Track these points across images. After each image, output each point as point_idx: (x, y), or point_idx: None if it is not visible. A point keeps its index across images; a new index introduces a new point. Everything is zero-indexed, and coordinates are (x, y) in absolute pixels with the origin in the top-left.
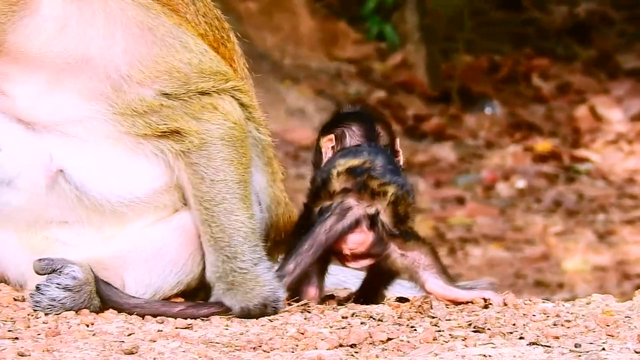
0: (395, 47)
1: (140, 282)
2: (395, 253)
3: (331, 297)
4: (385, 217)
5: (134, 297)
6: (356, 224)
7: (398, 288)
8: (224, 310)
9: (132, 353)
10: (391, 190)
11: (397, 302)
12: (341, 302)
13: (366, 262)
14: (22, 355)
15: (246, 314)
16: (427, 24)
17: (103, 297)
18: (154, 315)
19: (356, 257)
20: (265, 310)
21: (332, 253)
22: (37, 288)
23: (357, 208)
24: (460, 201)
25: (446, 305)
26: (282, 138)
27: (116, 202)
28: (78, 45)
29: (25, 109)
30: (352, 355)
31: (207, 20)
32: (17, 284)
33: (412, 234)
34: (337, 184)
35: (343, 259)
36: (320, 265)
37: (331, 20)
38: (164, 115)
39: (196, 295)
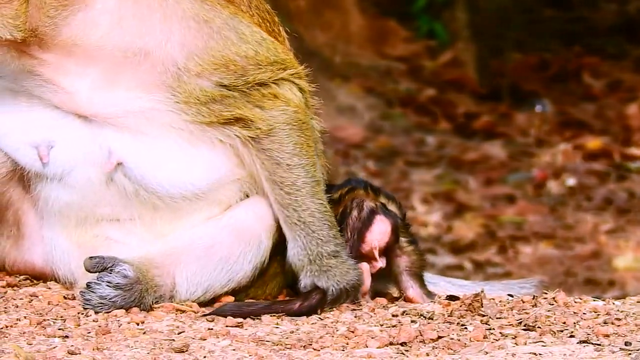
0: (445, 45)
1: (192, 281)
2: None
3: (382, 295)
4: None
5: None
6: (373, 213)
7: (448, 286)
8: (322, 294)
9: (182, 351)
10: (382, 191)
11: (447, 301)
12: (392, 300)
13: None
14: (72, 353)
15: (342, 296)
16: (477, 21)
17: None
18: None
19: (381, 252)
20: (356, 292)
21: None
22: (88, 286)
23: (369, 201)
24: (511, 199)
25: (497, 303)
26: (332, 136)
27: (177, 195)
28: (135, 39)
29: (83, 103)
30: (403, 353)
31: (260, 13)
32: (66, 282)
33: (412, 236)
34: (340, 191)
35: (371, 260)
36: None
37: (381, 18)
38: (226, 104)
39: (246, 293)
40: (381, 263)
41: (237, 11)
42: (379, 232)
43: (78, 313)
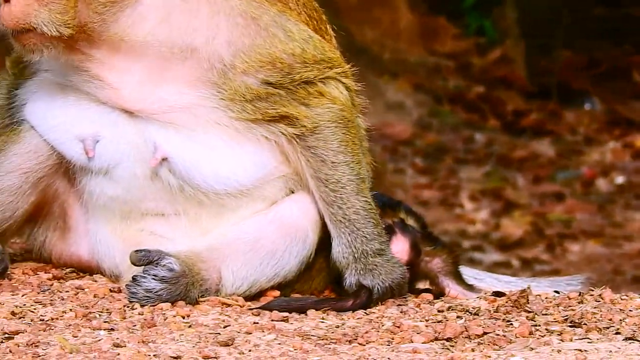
0: (494, 42)
1: (237, 275)
2: (422, 257)
3: (427, 290)
4: (411, 223)
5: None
6: (391, 233)
7: (495, 283)
8: (369, 293)
9: (228, 345)
10: (400, 204)
11: (493, 297)
12: (437, 295)
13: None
14: (117, 346)
15: (387, 294)
16: (526, 19)
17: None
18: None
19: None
20: (401, 289)
21: None
22: (134, 279)
23: (386, 219)
24: (559, 197)
25: (543, 299)
26: (380, 132)
27: (222, 191)
28: (182, 36)
29: (128, 99)
30: (448, 349)
31: (307, 11)
32: (111, 275)
33: (436, 240)
34: None
35: None
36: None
37: (430, 14)
38: (272, 101)
39: (292, 288)
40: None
41: (284, 9)
42: (397, 251)
43: (124, 306)
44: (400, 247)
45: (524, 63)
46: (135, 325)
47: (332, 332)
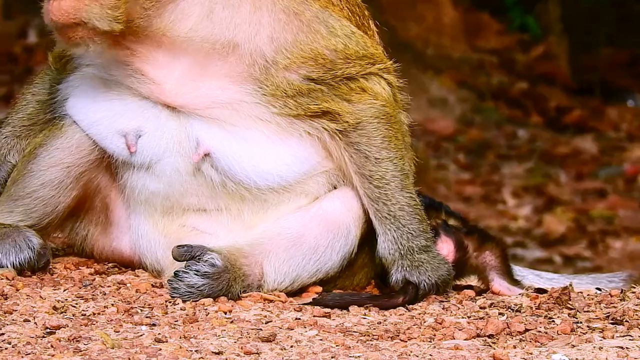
0: (537, 39)
1: (279, 271)
2: (470, 253)
3: (469, 287)
4: (453, 223)
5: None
6: (436, 234)
7: (536, 279)
8: (416, 289)
9: (270, 341)
10: (441, 205)
11: (535, 293)
12: (479, 292)
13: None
14: (159, 341)
15: (432, 290)
16: (569, 15)
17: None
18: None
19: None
20: (447, 286)
21: None
22: (176, 274)
23: (430, 221)
24: (602, 194)
25: (585, 296)
26: (423, 128)
27: (264, 186)
28: (224, 31)
29: (171, 93)
30: (490, 345)
31: (350, 7)
32: (153, 270)
33: (485, 235)
34: None
35: None
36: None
37: (474, 10)
38: (314, 97)
39: (334, 284)
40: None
41: (327, 4)
42: (443, 253)
43: (166, 301)
44: (445, 248)
45: (567, 59)
46: (177, 321)
47: (374, 329)
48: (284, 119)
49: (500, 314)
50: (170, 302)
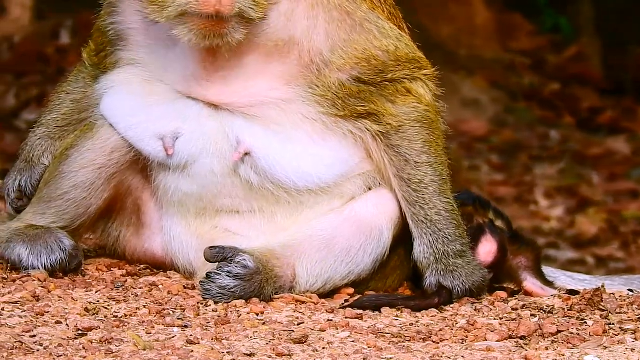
0: (569, 39)
1: (312, 272)
2: (508, 257)
3: (502, 289)
4: (499, 224)
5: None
6: (480, 233)
7: (569, 281)
8: (449, 293)
9: (302, 342)
10: (489, 204)
11: (567, 295)
12: (511, 294)
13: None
14: (191, 343)
15: (466, 296)
16: (602, 16)
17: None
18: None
19: (489, 266)
20: (481, 292)
21: None
22: (208, 276)
23: (477, 218)
24: (635, 194)
25: (617, 298)
26: (456, 129)
27: (303, 187)
28: (287, 26)
29: (220, 91)
30: (522, 347)
31: (389, 8)
32: (185, 272)
33: (521, 238)
34: None
35: None
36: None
37: (506, 11)
38: (361, 98)
39: (367, 286)
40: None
41: (373, 6)
42: (485, 252)
43: (198, 303)
44: (488, 248)
45: (599, 60)
46: (209, 322)
47: (406, 330)
48: (330, 118)
49: (532, 315)
50: (202, 304)
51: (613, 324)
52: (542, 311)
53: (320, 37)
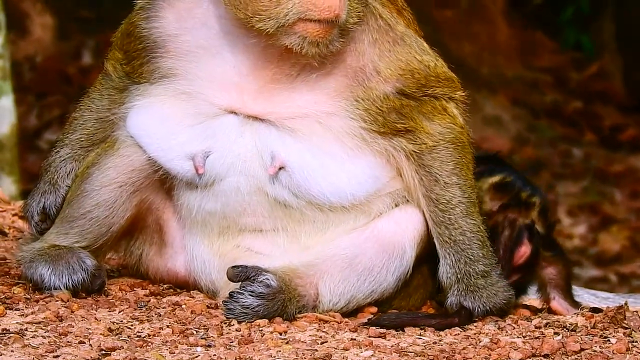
0: (591, 57)
1: (334, 291)
2: (540, 264)
3: (525, 307)
4: (538, 227)
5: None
6: (521, 236)
7: (592, 299)
8: (467, 314)
9: None
10: (537, 200)
11: (590, 313)
12: (535, 311)
13: (516, 276)
14: None
15: (487, 315)
16: (624, 33)
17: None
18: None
19: (515, 270)
20: (503, 314)
21: None
22: (231, 295)
23: (520, 220)
24: None
25: None
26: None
27: (336, 203)
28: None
29: (262, 103)
30: None
31: (415, 27)
32: (208, 291)
33: (557, 247)
34: (491, 203)
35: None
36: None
37: (528, 29)
38: (402, 113)
39: (390, 304)
40: (515, 277)
41: (408, 24)
42: (518, 254)
43: (221, 322)
44: (522, 250)
45: (621, 77)
46: (232, 342)
47: (430, 349)
48: (369, 134)
49: (555, 333)
50: (225, 323)
51: (636, 341)
52: (565, 329)
53: (369, 45)
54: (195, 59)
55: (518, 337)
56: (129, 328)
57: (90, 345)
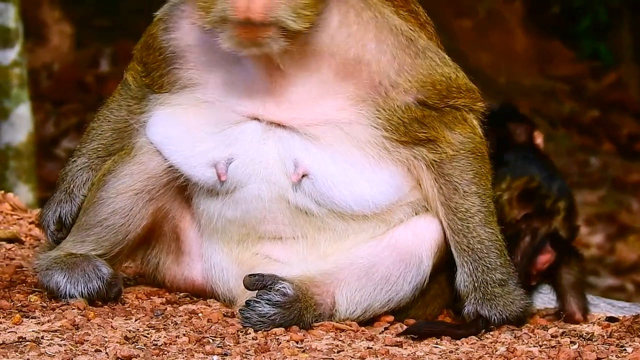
0: (609, 66)
1: (351, 300)
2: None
3: (541, 315)
4: (562, 232)
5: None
6: (542, 244)
7: (608, 308)
8: (486, 323)
9: None
10: (562, 205)
11: (607, 322)
12: (551, 320)
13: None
14: None
15: (504, 325)
16: None
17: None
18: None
19: (536, 276)
20: (520, 323)
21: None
22: (247, 304)
23: (542, 229)
24: None
25: None
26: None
27: (358, 212)
28: (356, 46)
29: (282, 111)
30: None
31: (437, 42)
32: (225, 299)
33: (576, 253)
34: (515, 211)
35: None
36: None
37: (545, 38)
38: (423, 123)
39: (407, 314)
40: (534, 282)
41: (430, 36)
42: (541, 262)
43: (237, 331)
44: (545, 258)
45: (638, 86)
46: (248, 350)
47: (446, 358)
48: (391, 143)
49: (572, 342)
50: (242, 332)
51: None
52: (581, 338)
53: (387, 59)
54: (215, 68)
55: (534, 346)
56: (145, 336)
57: (106, 353)
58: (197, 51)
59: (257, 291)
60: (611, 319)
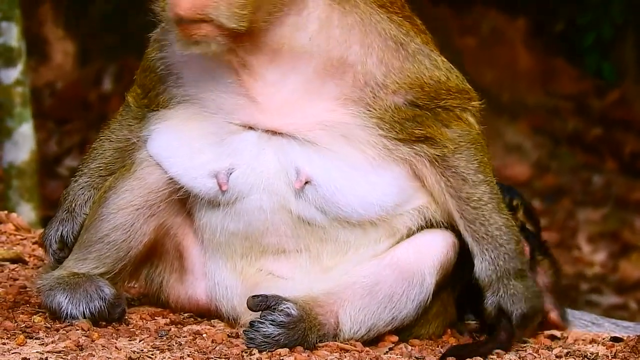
0: (613, 84)
1: (355, 319)
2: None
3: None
4: (528, 226)
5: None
6: None
7: (613, 327)
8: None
9: None
10: (517, 201)
11: (611, 342)
12: (554, 339)
13: None
14: None
15: (524, 321)
16: None
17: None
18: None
19: None
20: (535, 320)
21: None
22: (251, 325)
23: None
24: None
25: None
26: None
27: (365, 216)
28: (339, 49)
29: (274, 116)
30: None
31: (433, 44)
32: (229, 318)
33: (546, 252)
34: None
35: None
36: None
37: (549, 55)
38: (417, 122)
39: (410, 332)
40: None
41: (427, 41)
42: None
43: (242, 352)
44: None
45: None
46: None
47: None
48: (390, 142)
49: None
50: (246, 353)
51: None
52: (586, 359)
53: (374, 62)
54: (205, 82)
55: None
56: (150, 357)
57: None
58: (189, 67)
59: (261, 312)
60: (615, 339)
